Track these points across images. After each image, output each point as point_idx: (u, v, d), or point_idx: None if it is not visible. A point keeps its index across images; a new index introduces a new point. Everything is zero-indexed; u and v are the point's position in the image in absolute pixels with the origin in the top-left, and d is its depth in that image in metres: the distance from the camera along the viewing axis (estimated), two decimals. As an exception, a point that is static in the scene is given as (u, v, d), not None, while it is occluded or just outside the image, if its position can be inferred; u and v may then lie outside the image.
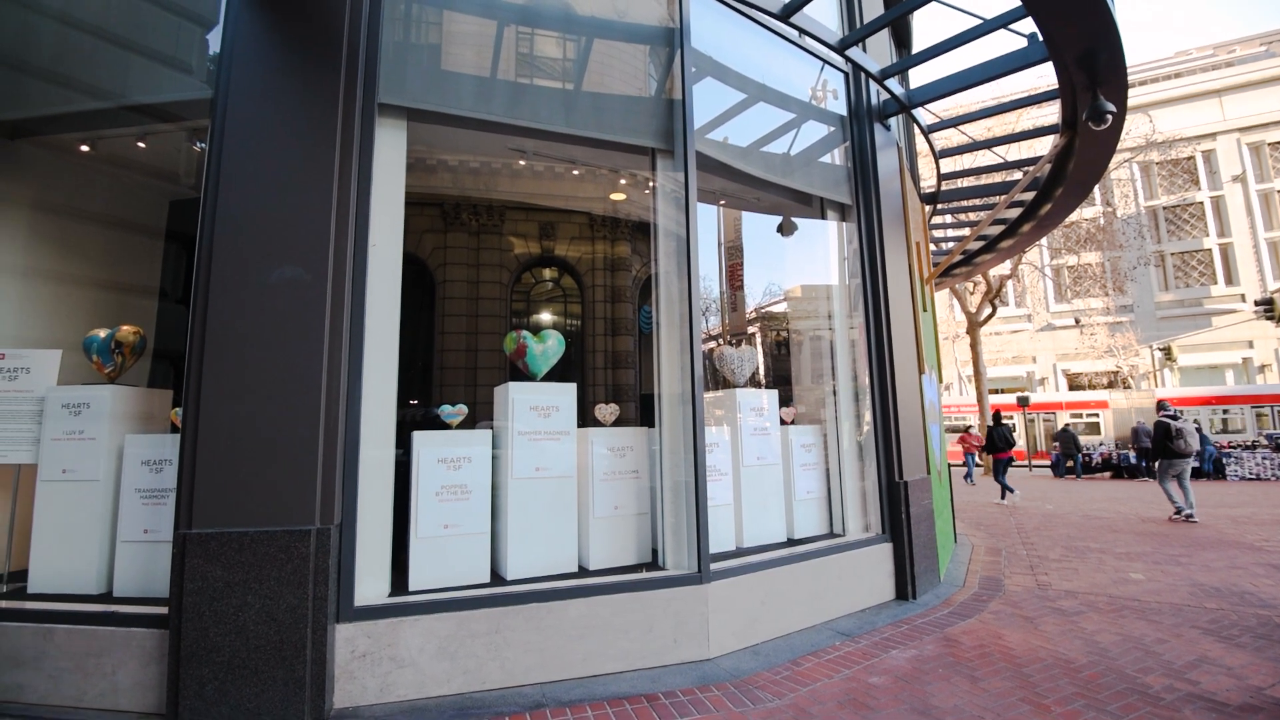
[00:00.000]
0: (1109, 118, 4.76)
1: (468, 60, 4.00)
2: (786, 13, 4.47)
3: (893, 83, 5.29)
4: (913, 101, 5.52)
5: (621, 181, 6.26)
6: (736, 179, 4.89)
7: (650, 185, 4.37)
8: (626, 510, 4.08)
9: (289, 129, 3.16)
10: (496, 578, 3.63)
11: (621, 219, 10.36)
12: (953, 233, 10.96)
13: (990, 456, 12.25)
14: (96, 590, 3.31)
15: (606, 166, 5.42)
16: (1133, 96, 25.24)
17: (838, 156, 5.58)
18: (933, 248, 9.86)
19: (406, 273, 3.53)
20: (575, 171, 6.03)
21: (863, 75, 5.46)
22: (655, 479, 4.12)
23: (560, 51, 4.37)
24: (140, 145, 4.68)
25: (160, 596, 3.07)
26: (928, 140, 6.66)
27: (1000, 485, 11.66)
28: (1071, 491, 13.75)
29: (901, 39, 8.43)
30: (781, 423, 4.96)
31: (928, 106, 5.89)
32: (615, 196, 7.12)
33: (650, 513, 4.15)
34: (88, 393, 3.47)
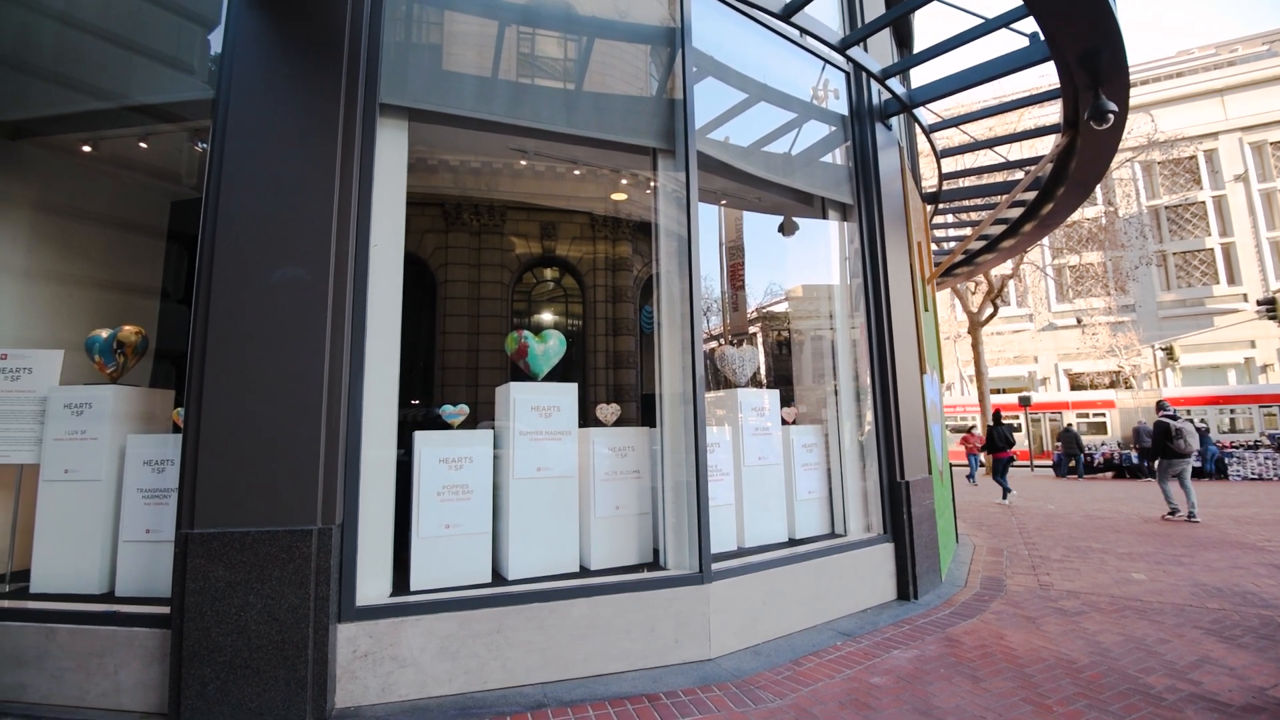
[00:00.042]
0: (1111, 117, 4.75)
1: (469, 60, 4.00)
2: (788, 12, 4.47)
3: (894, 82, 5.29)
4: (914, 101, 5.52)
5: (623, 181, 6.25)
6: (738, 179, 4.89)
7: (651, 185, 4.37)
8: (628, 510, 4.08)
9: (290, 129, 3.16)
10: (498, 578, 3.63)
11: (623, 219, 10.35)
12: (954, 232, 10.96)
13: (991, 456, 12.26)
14: (99, 590, 3.32)
15: (608, 166, 5.42)
16: (1135, 96, 25.21)
17: (839, 156, 5.58)
18: (934, 247, 9.86)
19: (408, 273, 3.54)
20: (576, 171, 6.03)
21: (864, 75, 5.46)
22: (656, 479, 4.13)
23: (561, 51, 4.37)
24: (142, 145, 4.69)
25: (162, 596, 3.07)
26: (929, 140, 6.66)
27: (1000, 484, 11.71)
28: (1073, 491, 13.73)
29: (903, 38, 8.42)
30: (783, 423, 4.96)
31: (929, 106, 5.89)
32: (616, 196, 7.12)
33: (651, 513, 4.15)
34: (90, 393, 3.48)
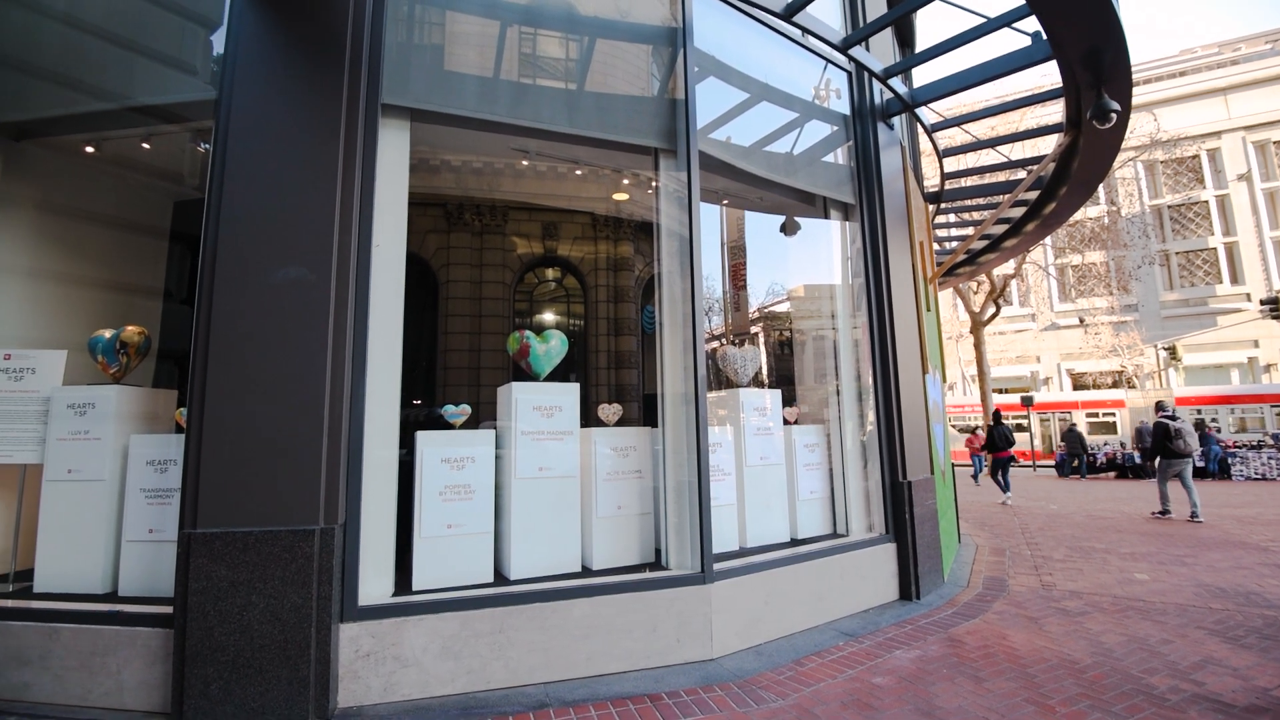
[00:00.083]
0: (1113, 116, 4.74)
1: (471, 60, 4.00)
2: (789, 12, 4.46)
3: (896, 82, 5.28)
4: (916, 100, 5.51)
5: (624, 181, 6.25)
6: (739, 178, 4.89)
7: (653, 185, 4.37)
8: (630, 510, 4.08)
9: (293, 130, 3.16)
10: (500, 577, 3.63)
11: (624, 219, 10.35)
12: (956, 232, 10.95)
13: (991, 455, 12.33)
14: (102, 590, 3.33)
15: (609, 166, 5.42)
16: (1137, 95, 25.15)
17: (841, 156, 5.57)
18: (936, 247, 9.84)
19: (410, 273, 3.54)
20: (578, 171, 6.03)
21: (866, 74, 5.45)
22: (658, 479, 4.13)
23: (563, 51, 4.37)
24: (145, 146, 4.69)
25: (165, 596, 3.07)
26: (931, 139, 6.65)
27: (998, 483, 11.87)
28: (1076, 492, 13.71)
29: (905, 38, 8.41)
30: (785, 423, 4.96)
31: (931, 105, 5.88)
32: (618, 196, 7.12)
33: (653, 513, 4.15)
34: (93, 393, 3.49)
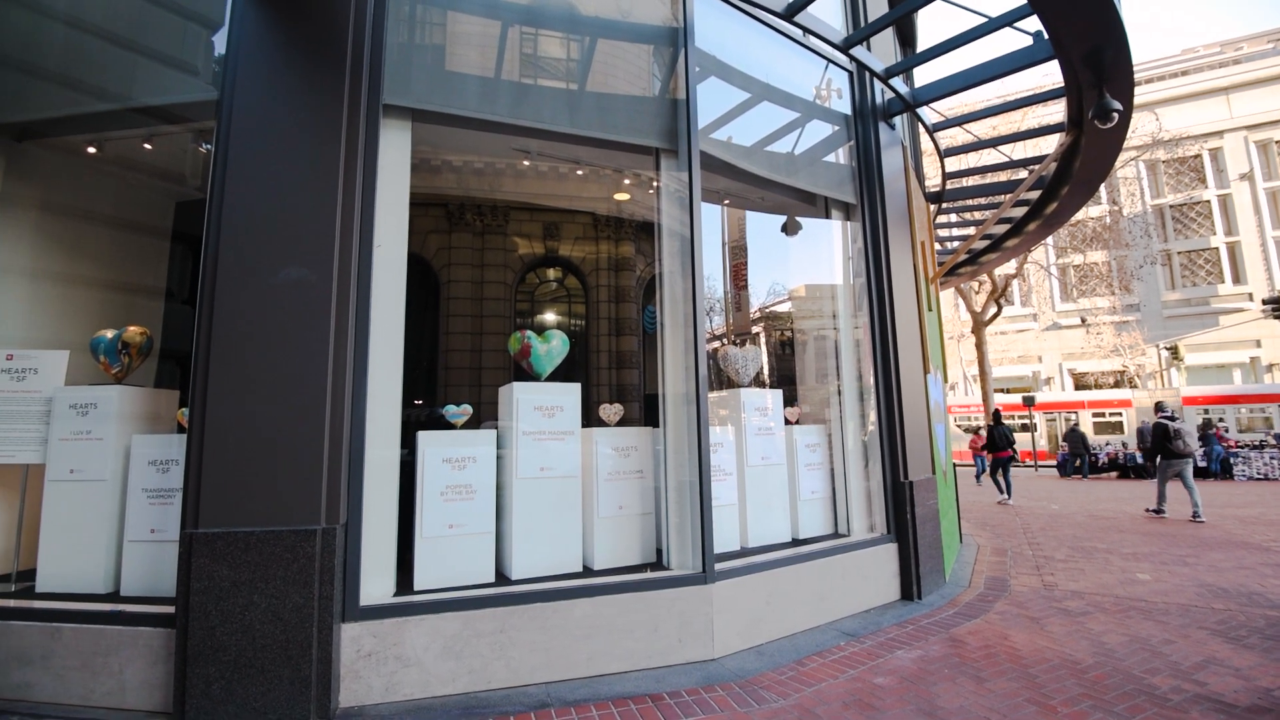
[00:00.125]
0: (1115, 116, 4.73)
1: (472, 61, 4.00)
2: (790, 12, 4.46)
3: (897, 81, 5.27)
4: (917, 100, 5.51)
5: (625, 181, 6.25)
6: (741, 178, 4.89)
7: (654, 185, 4.36)
8: (631, 510, 4.08)
9: (294, 130, 3.17)
10: (501, 577, 3.64)
11: (625, 219, 10.36)
12: (958, 232, 10.94)
13: (991, 455, 12.35)
14: (104, 589, 3.33)
15: (610, 166, 5.42)
16: (1139, 94, 25.10)
17: (842, 156, 5.57)
18: (938, 247, 9.83)
19: (411, 273, 3.54)
20: (579, 171, 6.02)
21: (867, 74, 5.45)
22: (659, 479, 4.13)
23: (564, 51, 4.37)
24: (146, 147, 4.70)
25: (167, 596, 3.07)
26: (932, 139, 6.65)
27: (996, 483, 12.01)
28: (1078, 492, 13.69)
29: (906, 38, 8.40)
30: (786, 423, 4.95)
31: (932, 105, 5.88)
32: (619, 196, 7.11)
33: (655, 513, 4.15)
34: (95, 393, 3.50)
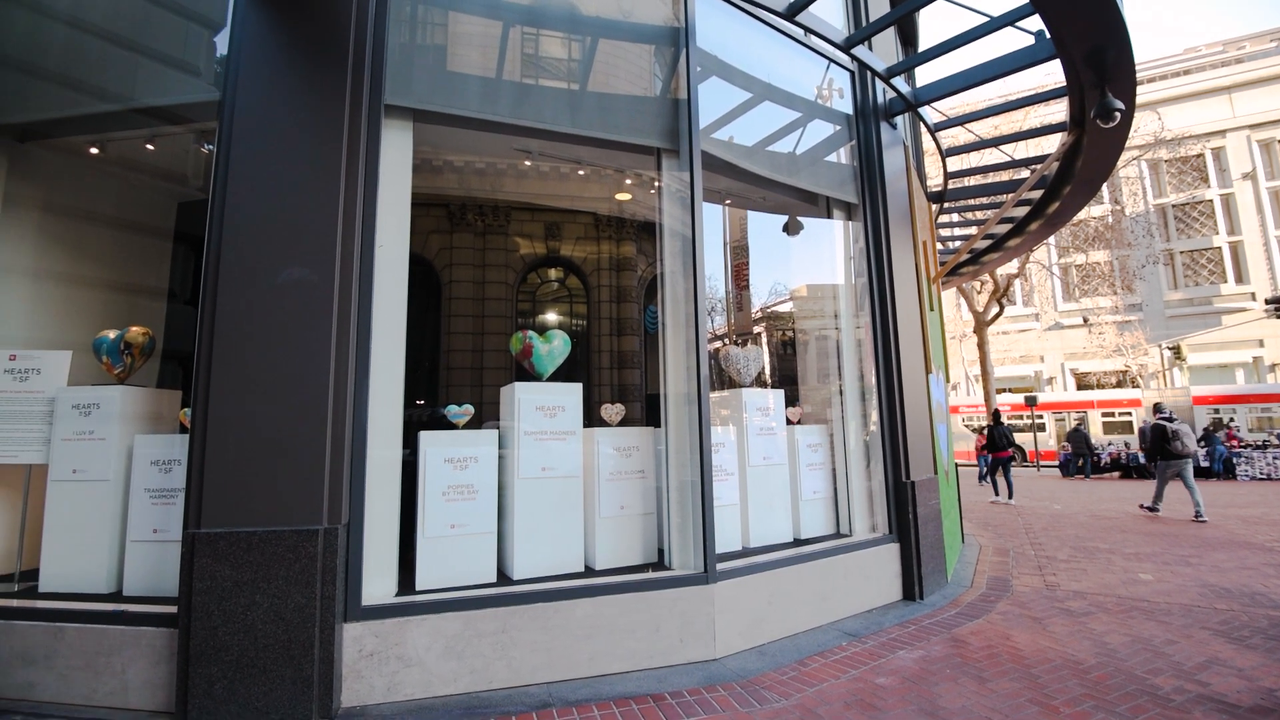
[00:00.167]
0: (1118, 115, 4.72)
1: (473, 61, 4.01)
2: (792, 12, 4.46)
3: (899, 81, 5.27)
4: (919, 100, 5.50)
5: (627, 181, 6.25)
6: (742, 178, 4.89)
7: (655, 185, 4.36)
8: (632, 510, 4.08)
9: (296, 131, 3.17)
10: (503, 577, 3.64)
11: (627, 219, 10.35)
12: (960, 231, 10.92)
13: (991, 455, 12.37)
14: (106, 589, 3.34)
15: (612, 166, 5.42)
16: (1141, 94, 25.02)
17: (844, 155, 5.56)
18: (939, 246, 9.82)
19: (413, 273, 3.54)
20: (580, 172, 6.02)
21: (869, 74, 5.44)
22: (661, 479, 4.13)
23: (565, 52, 4.37)
24: (149, 147, 4.70)
25: (169, 596, 3.08)
26: (934, 138, 6.64)
27: (993, 483, 12.13)
28: (1080, 492, 13.67)
29: (907, 37, 8.39)
30: (788, 422, 4.95)
31: (934, 105, 5.87)
32: (620, 196, 7.11)
33: (656, 513, 4.15)
34: (97, 393, 3.50)
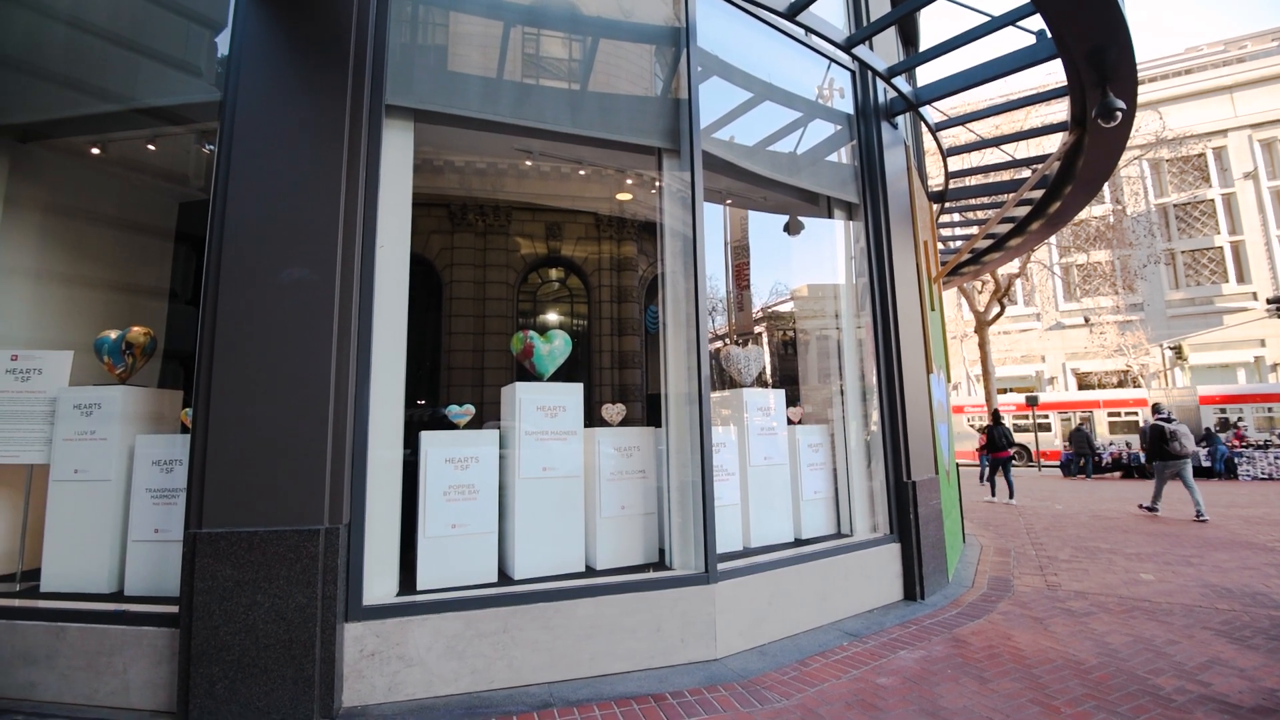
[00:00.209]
0: (1119, 115, 4.72)
1: (474, 61, 4.01)
2: (792, 11, 4.46)
3: (900, 81, 5.27)
4: (920, 99, 5.50)
5: (628, 181, 6.25)
6: (743, 178, 4.88)
7: (656, 185, 4.37)
8: (633, 510, 4.08)
9: (297, 131, 3.17)
10: (504, 577, 3.64)
11: (628, 219, 10.35)
12: (961, 231, 10.92)
13: (991, 456, 12.37)
14: (108, 589, 3.34)
15: (613, 166, 5.42)
16: (1142, 93, 24.96)
17: (844, 155, 5.56)
18: (940, 246, 9.81)
19: (414, 273, 3.55)
20: (581, 172, 6.02)
21: (869, 73, 5.44)
22: (662, 479, 4.13)
23: (566, 52, 4.37)
24: (150, 148, 4.71)
25: (171, 595, 3.08)
26: (935, 138, 6.64)
27: (991, 484, 12.18)
28: (1081, 492, 13.65)
29: (908, 37, 8.39)
30: (789, 422, 4.95)
31: (935, 104, 5.87)
32: (621, 196, 7.11)
33: (657, 512, 4.15)
34: (99, 393, 3.51)
